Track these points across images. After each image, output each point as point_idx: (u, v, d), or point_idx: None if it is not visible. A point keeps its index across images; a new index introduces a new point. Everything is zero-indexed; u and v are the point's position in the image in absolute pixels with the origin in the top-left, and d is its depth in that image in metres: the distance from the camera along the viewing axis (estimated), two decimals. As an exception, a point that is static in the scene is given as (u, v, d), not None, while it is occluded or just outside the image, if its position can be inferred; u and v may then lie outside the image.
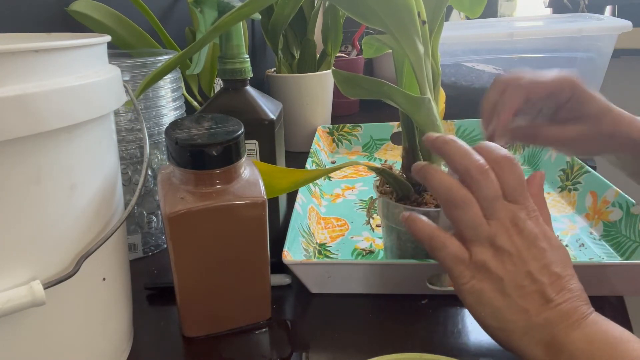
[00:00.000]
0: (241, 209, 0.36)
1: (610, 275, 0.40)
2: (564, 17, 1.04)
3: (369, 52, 0.51)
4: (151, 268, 0.50)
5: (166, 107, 0.51)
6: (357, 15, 0.37)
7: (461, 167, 0.33)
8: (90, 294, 0.32)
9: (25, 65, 0.25)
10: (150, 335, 0.40)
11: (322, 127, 0.84)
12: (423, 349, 0.37)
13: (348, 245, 0.52)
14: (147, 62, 0.47)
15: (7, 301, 0.25)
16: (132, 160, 0.48)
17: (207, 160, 0.34)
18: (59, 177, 0.27)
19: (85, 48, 0.29)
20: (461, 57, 0.89)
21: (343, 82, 0.39)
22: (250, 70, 0.44)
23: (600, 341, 0.29)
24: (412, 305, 0.42)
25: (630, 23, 0.77)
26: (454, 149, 0.34)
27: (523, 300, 0.31)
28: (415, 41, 0.37)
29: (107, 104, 0.30)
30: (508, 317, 0.31)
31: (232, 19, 0.35)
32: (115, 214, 0.34)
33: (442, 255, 0.33)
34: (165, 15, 0.73)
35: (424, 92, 0.39)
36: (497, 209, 0.33)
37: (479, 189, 0.33)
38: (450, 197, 0.33)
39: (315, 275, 0.43)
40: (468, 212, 0.33)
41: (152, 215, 0.52)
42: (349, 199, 0.64)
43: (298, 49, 0.84)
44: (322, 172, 0.49)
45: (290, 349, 0.38)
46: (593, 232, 0.52)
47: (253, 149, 0.44)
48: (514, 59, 0.86)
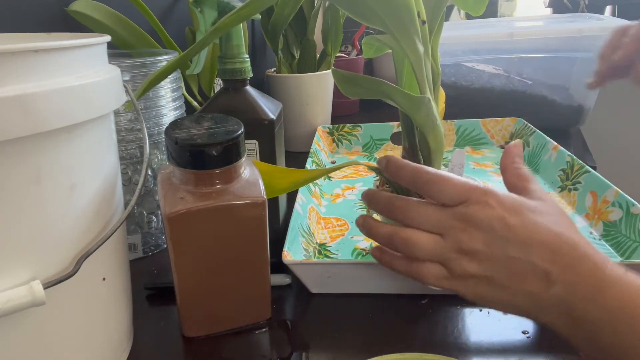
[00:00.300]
0: (241, 209, 0.36)
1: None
2: (564, 17, 1.04)
3: (369, 52, 0.51)
4: (151, 268, 0.50)
5: (166, 107, 0.51)
6: (357, 15, 0.37)
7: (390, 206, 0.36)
8: (90, 294, 0.32)
9: (25, 65, 0.25)
10: (150, 335, 0.40)
11: (322, 127, 0.84)
12: (423, 349, 0.37)
13: (348, 245, 0.52)
14: (147, 62, 0.47)
15: (7, 301, 0.25)
16: (132, 160, 0.48)
17: (207, 160, 0.34)
18: (59, 177, 0.27)
19: (85, 48, 0.29)
20: (461, 57, 0.89)
21: (343, 81, 0.39)
22: (250, 70, 0.44)
23: (619, 308, 0.28)
24: (412, 305, 0.42)
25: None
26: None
27: (523, 285, 0.31)
28: (415, 41, 0.37)
29: (107, 104, 0.30)
30: (518, 304, 0.31)
31: (232, 20, 0.35)
32: (115, 214, 0.34)
33: (427, 282, 0.34)
34: (165, 15, 0.73)
35: (424, 92, 0.39)
36: (442, 222, 0.33)
37: (417, 217, 0.34)
38: (395, 245, 0.35)
39: (315, 275, 0.43)
40: (418, 248, 0.33)
41: (152, 215, 0.52)
42: (349, 199, 0.64)
43: (298, 49, 0.84)
44: (322, 172, 0.49)
45: (290, 349, 0.38)
46: (593, 232, 0.52)
47: (253, 149, 0.44)
48: (514, 59, 0.86)
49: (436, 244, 0.33)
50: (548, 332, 0.37)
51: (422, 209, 0.34)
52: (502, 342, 0.37)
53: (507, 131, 0.80)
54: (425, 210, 0.34)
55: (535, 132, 0.73)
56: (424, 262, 0.34)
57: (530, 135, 0.74)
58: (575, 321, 0.30)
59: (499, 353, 0.36)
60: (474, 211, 0.32)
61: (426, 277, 0.34)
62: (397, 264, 0.36)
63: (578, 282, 0.29)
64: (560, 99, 0.85)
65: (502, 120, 0.81)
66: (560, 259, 0.30)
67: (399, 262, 0.36)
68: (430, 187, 0.34)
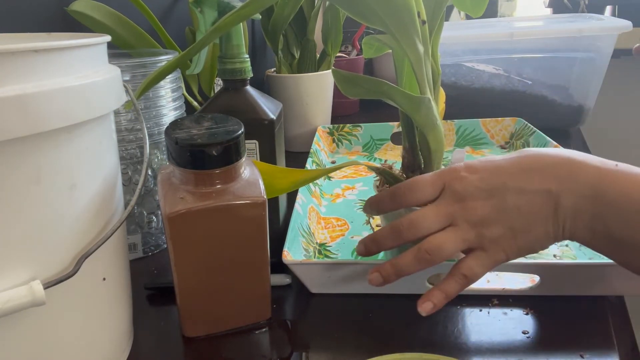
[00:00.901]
0: (241, 209, 0.36)
1: (610, 275, 0.40)
2: (564, 17, 1.04)
3: (369, 52, 0.51)
4: (151, 268, 0.50)
5: (166, 107, 0.51)
6: (357, 15, 0.37)
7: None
8: (90, 294, 0.32)
9: (25, 65, 0.25)
10: (150, 335, 0.40)
11: (322, 127, 0.84)
12: (423, 349, 0.37)
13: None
14: (147, 62, 0.47)
15: (7, 301, 0.25)
16: (132, 160, 0.48)
17: (207, 160, 0.34)
18: (59, 177, 0.27)
19: (85, 48, 0.29)
20: (461, 57, 0.89)
21: (343, 81, 0.39)
22: (250, 70, 0.44)
23: (624, 200, 0.30)
24: (412, 305, 0.42)
25: (630, 23, 0.77)
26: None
27: (539, 215, 0.32)
28: (415, 41, 0.37)
29: (107, 104, 0.30)
30: (545, 236, 0.33)
31: (232, 19, 0.35)
32: (115, 214, 0.34)
33: (476, 277, 0.35)
34: (165, 15, 0.73)
35: (424, 92, 0.39)
36: (443, 214, 0.34)
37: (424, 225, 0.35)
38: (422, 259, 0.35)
39: (315, 275, 0.43)
40: (446, 249, 0.34)
41: (152, 215, 0.52)
42: (349, 199, 0.64)
43: (298, 49, 0.84)
44: (322, 172, 0.49)
45: (290, 349, 0.38)
46: (593, 232, 0.52)
47: (253, 149, 0.44)
48: (514, 59, 0.86)
49: (455, 234, 0.34)
50: (548, 332, 0.38)
51: (421, 215, 0.35)
52: (502, 342, 0.37)
53: (507, 131, 0.80)
54: (423, 215, 0.35)
55: (535, 132, 0.73)
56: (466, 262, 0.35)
57: (530, 135, 0.74)
58: (589, 224, 0.31)
59: (499, 353, 0.36)
60: (457, 189, 0.34)
61: (475, 275, 0.34)
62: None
63: (577, 186, 0.31)
64: (560, 99, 0.85)
65: (502, 120, 0.81)
66: (551, 173, 0.32)
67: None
68: (410, 196, 0.36)
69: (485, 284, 0.43)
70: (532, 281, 0.42)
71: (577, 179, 0.32)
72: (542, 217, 0.32)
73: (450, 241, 0.34)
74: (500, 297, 0.42)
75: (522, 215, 0.32)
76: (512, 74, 0.87)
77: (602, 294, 0.41)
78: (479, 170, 0.34)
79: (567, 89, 0.85)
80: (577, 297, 0.41)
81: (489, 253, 0.34)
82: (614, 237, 0.30)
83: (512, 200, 0.33)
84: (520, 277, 0.43)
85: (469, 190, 0.34)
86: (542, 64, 0.85)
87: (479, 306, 0.41)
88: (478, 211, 0.33)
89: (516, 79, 0.87)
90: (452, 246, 0.34)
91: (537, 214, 0.32)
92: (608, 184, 0.31)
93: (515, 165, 0.34)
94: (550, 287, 0.41)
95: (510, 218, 0.33)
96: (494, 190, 0.33)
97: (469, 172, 0.34)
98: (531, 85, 0.86)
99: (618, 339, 0.36)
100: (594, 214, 0.31)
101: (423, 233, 0.35)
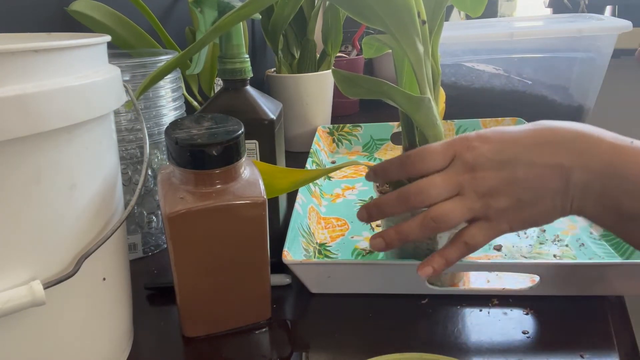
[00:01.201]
0: (241, 209, 0.36)
1: (610, 275, 0.40)
2: (564, 17, 1.04)
3: (369, 52, 0.51)
4: (151, 268, 0.50)
5: (166, 107, 0.51)
6: (357, 15, 0.37)
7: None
8: (90, 294, 0.32)
9: (25, 65, 0.25)
10: (150, 335, 0.40)
11: (322, 127, 0.84)
12: (423, 349, 0.37)
13: (348, 245, 0.52)
14: (147, 62, 0.47)
15: (7, 301, 0.25)
16: (132, 160, 0.48)
17: (207, 160, 0.34)
18: (59, 177, 0.27)
19: (85, 48, 0.29)
20: (461, 57, 0.89)
21: (343, 81, 0.39)
22: (250, 70, 0.44)
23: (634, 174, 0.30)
24: (412, 305, 0.42)
25: (630, 23, 0.77)
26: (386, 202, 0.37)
27: (548, 189, 0.32)
28: (415, 41, 0.37)
29: (107, 104, 0.30)
30: (553, 209, 0.33)
31: (232, 19, 0.35)
32: (115, 214, 0.34)
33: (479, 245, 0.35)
34: (165, 15, 0.73)
35: (424, 92, 0.39)
36: (452, 183, 0.34)
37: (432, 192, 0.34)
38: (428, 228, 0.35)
39: (315, 275, 0.43)
40: (452, 217, 0.34)
41: (152, 215, 0.52)
42: (349, 199, 0.64)
43: (298, 49, 0.84)
44: (322, 172, 0.49)
45: (290, 349, 0.38)
46: (593, 232, 0.52)
47: (253, 149, 0.44)
48: (514, 59, 0.86)
49: (462, 203, 0.34)
50: (548, 332, 0.38)
51: (430, 183, 0.35)
52: (502, 342, 0.37)
53: (507, 131, 0.80)
54: (433, 182, 0.34)
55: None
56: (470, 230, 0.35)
57: (530, 135, 0.74)
58: (600, 199, 0.31)
59: (499, 353, 0.36)
60: (467, 158, 0.34)
61: (477, 244, 0.34)
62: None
63: (591, 162, 0.31)
64: (560, 99, 0.85)
65: (502, 120, 0.81)
66: (565, 148, 0.32)
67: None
68: (420, 164, 0.35)
69: (485, 284, 0.43)
70: (532, 281, 0.42)
71: (592, 155, 0.31)
72: (552, 191, 0.32)
73: (457, 210, 0.34)
74: (500, 297, 0.42)
75: (532, 188, 0.32)
76: (512, 74, 0.87)
77: (602, 294, 0.41)
78: (492, 140, 0.34)
79: (567, 89, 0.85)
80: (577, 297, 0.41)
81: (493, 223, 0.34)
82: (625, 213, 0.30)
83: (523, 172, 0.32)
84: (520, 277, 0.43)
85: (480, 160, 0.33)
86: (542, 64, 0.85)
87: (479, 306, 0.41)
88: (487, 182, 0.33)
89: (516, 79, 0.87)
90: (459, 215, 0.34)
91: (547, 187, 0.32)
92: (623, 160, 0.31)
93: (529, 137, 0.33)
94: (550, 287, 0.41)
95: (518, 190, 0.33)
96: (505, 162, 0.33)
97: (481, 142, 0.34)
98: (531, 85, 0.86)
99: (618, 339, 0.36)
100: (606, 190, 0.31)
101: (431, 201, 0.34)
